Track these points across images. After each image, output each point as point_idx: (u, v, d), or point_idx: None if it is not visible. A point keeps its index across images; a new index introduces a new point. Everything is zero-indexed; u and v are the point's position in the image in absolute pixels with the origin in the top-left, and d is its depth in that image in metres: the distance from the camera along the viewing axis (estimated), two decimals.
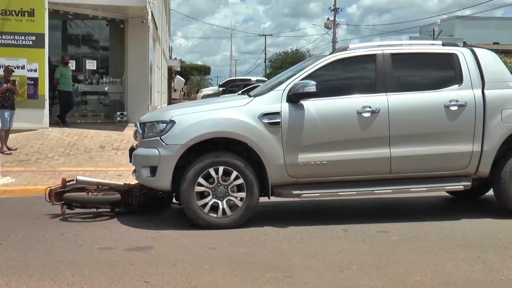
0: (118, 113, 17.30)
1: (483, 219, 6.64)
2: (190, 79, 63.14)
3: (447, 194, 8.05)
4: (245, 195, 6.21)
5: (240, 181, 6.19)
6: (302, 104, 6.30)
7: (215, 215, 6.19)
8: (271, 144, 6.21)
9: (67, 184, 6.89)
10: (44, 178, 9.31)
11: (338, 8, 53.50)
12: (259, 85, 9.95)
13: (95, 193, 6.81)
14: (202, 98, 37.52)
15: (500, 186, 6.62)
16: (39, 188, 8.35)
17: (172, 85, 43.37)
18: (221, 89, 38.87)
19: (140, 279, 4.51)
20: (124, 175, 9.59)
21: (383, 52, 6.61)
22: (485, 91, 6.53)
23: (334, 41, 53.14)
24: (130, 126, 16.10)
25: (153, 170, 6.26)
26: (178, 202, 7.20)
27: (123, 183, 7.22)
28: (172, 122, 6.25)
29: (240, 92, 29.73)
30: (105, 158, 11.26)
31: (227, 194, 6.20)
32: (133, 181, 7.29)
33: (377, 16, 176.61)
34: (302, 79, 6.38)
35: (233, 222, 6.20)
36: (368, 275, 4.61)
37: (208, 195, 6.19)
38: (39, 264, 4.89)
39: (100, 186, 6.94)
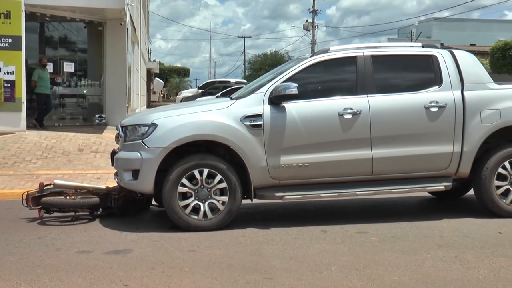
0: (97, 115, 17.16)
1: (461, 219, 6.70)
2: (169, 81, 62.98)
3: (426, 195, 8.12)
4: (227, 199, 6.20)
5: (224, 185, 6.18)
6: (284, 106, 6.32)
7: (196, 217, 6.17)
8: (254, 146, 6.22)
9: (45, 188, 6.81)
10: (21, 182, 9.21)
11: (317, 10, 53.91)
12: (238, 87, 9.93)
13: (73, 197, 6.74)
14: (182, 100, 37.45)
15: (480, 186, 6.70)
16: (16, 192, 8.25)
17: (151, 87, 43.22)
18: (200, 91, 38.81)
19: (119, 282, 4.48)
20: (102, 178, 9.52)
21: (363, 54, 6.65)
22: (464, 92, 6.61)
23: (313, 42, 53.41)
24: (109, 129, 15.99)
25: (135, 173, 6.24)
26: (157, 204, 7.18)
27: (101, 186, 7.16)
28: (154, 125, 6.23)
29: (219, 94, 29.85)
30: (84, 161, 11.16)
31: (209, 196, 6.20)
32: (111, 184, 7.24)
33: (356, 18, 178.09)
34: (284, 81, 6.40)
35: (213, 225, 6.19)
36: (347, 275, 4.64)
37: (191, 196, 6.17)
38: (16, 269, 4.82)
39: (78, 190, 6.87)
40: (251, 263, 5.01)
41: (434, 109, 6.50)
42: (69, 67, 17.07)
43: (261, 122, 6.25)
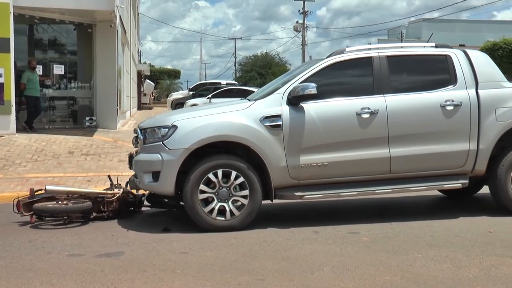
0: (87, 118, 17.09)
1: (451, 218, 6.74)
2: (160, 83, 62.82)
3: (419, 195, 8.13)
4: (239, 213, 6.23)
5: (245, 201, 6.22)
6: (302, 107, 6.38)
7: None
8: (273, 146, 6.26)
9: (36, 193, 6.75)
10: (11, 185, 9.14)
11: (307, 11, 53.85)
12: (230, 88, 9.92)
13: (65, 202, 6.67)
14: (172, 102, 37.41)
15: (496, 184, 6.76)
16: (5, 196, 8.20)
17: (142, 90, 43.11)
18: (191, 92, 38.77)
19: (111, 285, 4.46)
20: (93, 180, 9.48)
21: (379, 54, 6.74)
22: (479, 90, 6.69)
23: (303, 44, 53.43)
24: (99, 131, 15.94)
25: (156, 175, 6.24)
26: (149, 205, 7.17)
27: (94, 190, 7.12)
28: (174, 127, 6.26)
29: (210, 95, 29.89)
30: (74, 164, 11.10)
31: (226, 201, 6.20)
32: (102, 186, 7.21)
33: (346, 19, 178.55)
34: (301, 82, 6.45)
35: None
36: (339, 276, 4.64)
37: (214, 187, 6.19)
38: (6, 273, 4.78)
39: (70, 195, 6.81)
40: (243, 264, 5.01)
41: (450, 108, 6.58)
42: (58, 69, 16.99)
43: (280, 123, 6.30)
